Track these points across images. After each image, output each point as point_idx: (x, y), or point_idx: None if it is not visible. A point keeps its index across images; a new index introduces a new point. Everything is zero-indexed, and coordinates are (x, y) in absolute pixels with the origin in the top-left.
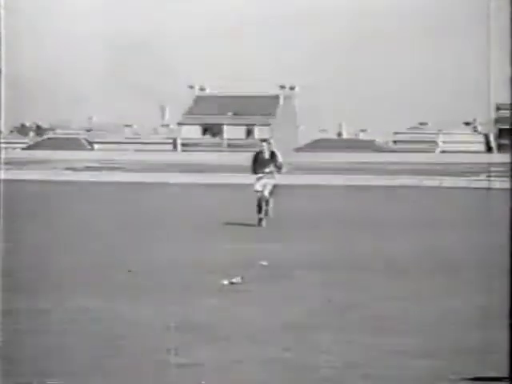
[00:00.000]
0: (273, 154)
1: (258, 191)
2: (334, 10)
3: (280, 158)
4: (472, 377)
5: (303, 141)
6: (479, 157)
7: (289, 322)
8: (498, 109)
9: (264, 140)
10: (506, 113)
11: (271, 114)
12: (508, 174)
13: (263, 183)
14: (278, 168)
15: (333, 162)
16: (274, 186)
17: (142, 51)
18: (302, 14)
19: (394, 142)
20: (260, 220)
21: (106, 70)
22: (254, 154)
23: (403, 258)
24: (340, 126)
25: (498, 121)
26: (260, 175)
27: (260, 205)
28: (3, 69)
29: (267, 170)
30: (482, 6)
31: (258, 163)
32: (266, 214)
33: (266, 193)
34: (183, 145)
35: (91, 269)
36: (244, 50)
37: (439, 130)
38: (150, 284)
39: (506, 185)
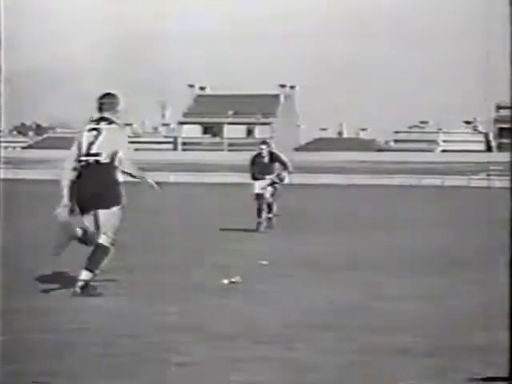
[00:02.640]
0: (274, 157)
1: (257, 194)
2: (334, 12)
3: (287, 161)
4: (472, 376)
5: (304, 140)
6: (479, 156)
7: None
8: (499, 108)
9: (263, 142)
10: (506, 112)
11: (272, 114)
12: (508, 172)
13: (263, 185)
14: (281, 180)
15: (333, 161)
16: (276, 189)
17: (143, 51)
18: (302, 14)
19: (395, 141)
20: (259, 224)
21: (107, 69)
22: (251, 156)
23: (404, 257)
24: (340, 125)
25: (498, 120)
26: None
27: (260, 208)
28: (3, 68)
29: (267, 177)
30: (481, 6)
31: (257, 168)
32: (270, 220)
33: (268, 195)
34: (184, 144)
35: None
36: (244, 49)
37: (439, 129)
38: (150, 283)
39: (506, 184)
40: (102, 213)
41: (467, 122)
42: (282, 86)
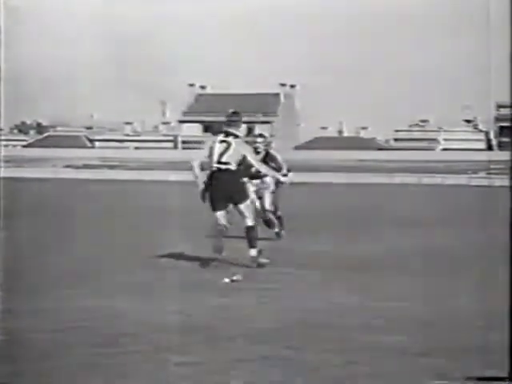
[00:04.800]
0: (269, 157)
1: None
2: (334, 11)
3: (281, 162)
4: (472, 376)
5: (304, 139)
6: (480, 154)
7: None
8: (499, 107)
9: (260, 135)
10: (506, 111)
11: (272, 112)
12: (508, 171)
13: (257, 193)
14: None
15: (333, 159)
16: (274, 192)
17: (143, 50)
18: (302, 14)
19: (395, 139)
20: (277, 234)
21: (107, 68)
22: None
23: (401, 257)
24: (341, 123)
25: (498, 119)
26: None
27: (264, 219)
28: (3, 67)
29: (255, 181)
30: (482, 5)
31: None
32: (269, 224)
33: (267, 204)
34: (184, 142)
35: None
36: (245, 48)
37: (440, 128)
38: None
39: (506, 182)
40: (241, 206)
41: (468, 121)
42: (283, 84)
